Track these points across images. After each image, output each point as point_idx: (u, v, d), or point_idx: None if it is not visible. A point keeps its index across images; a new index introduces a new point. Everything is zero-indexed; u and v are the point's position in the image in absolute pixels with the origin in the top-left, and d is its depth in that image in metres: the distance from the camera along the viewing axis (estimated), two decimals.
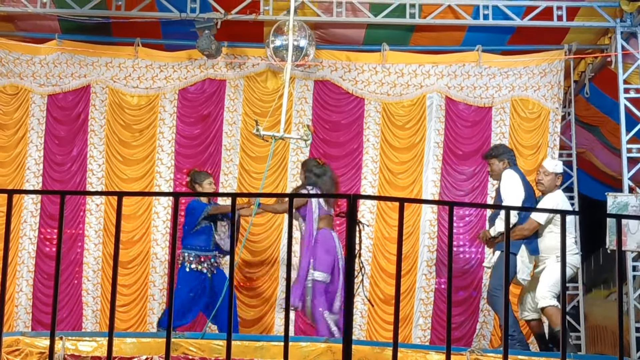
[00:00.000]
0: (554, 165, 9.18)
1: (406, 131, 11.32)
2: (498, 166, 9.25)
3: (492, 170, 9.37)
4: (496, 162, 9.28)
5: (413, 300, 10.97)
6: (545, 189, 9.09)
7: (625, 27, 10.83)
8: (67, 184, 11.13)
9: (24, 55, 11.32)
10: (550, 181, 9.07)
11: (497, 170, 9.27)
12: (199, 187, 9.64)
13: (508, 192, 8.91)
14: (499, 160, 9.27)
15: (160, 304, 10.97)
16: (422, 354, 8.32)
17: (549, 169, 9.10)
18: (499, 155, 9.30)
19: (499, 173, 9.21)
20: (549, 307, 8.72)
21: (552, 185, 9.08)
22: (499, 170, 9.23)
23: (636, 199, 10.24)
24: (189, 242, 9.49)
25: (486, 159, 9.55)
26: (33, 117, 11.27)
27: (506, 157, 9.27)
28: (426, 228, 11.11)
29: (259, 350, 8.22)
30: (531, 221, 8.83)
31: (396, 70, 11.34)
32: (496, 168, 9.28)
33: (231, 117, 11.33)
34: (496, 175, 9.30)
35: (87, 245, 11.11)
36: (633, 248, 10.01)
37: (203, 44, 10.48)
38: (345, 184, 11.20)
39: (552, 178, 9.08)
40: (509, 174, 9.03)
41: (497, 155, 9.31)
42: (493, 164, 9.32)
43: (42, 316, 10.87)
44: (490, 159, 9.38)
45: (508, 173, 9.04)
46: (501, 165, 9.23)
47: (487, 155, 9.49)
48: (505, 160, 9.24)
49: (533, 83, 11.27)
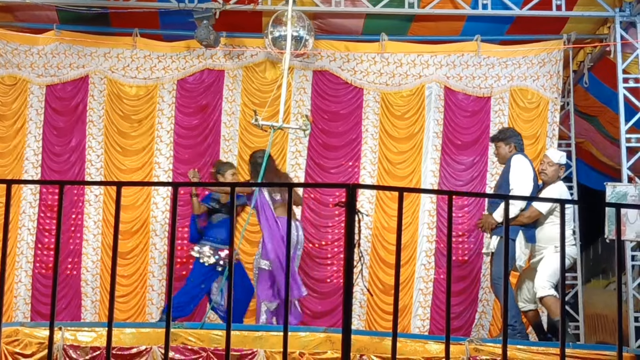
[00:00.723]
0: (559, 156, 9.15)
1: (405, 121, 11.31)
2: (505, 150, 9.20)
3: (499, 153, 9.31)
4: (503, 145, 9.23)
5: (412, 290, 10.98)
6: (548, 179, 9.07)
7: (624, 17, 10.81)
8: (65, 175, 11.11)
9: (22, 46, 11.30)
10: (554, 172, 9.06)
11: (503, 154, 9.22)
12: (221, 178, 9.69)
13: (518, 178, 8.85)
14: (505, 143, 9.22)
15: (160, 294, 10.98)
16: (421, 343, 8.33)
17: (554, 160, 9.07)
18: (507, 138, 9.24)
19: (505, 157, 9.17)
20: (547, 296, 8.72)
21: (555, 176, 9.07)
22: (505, 154, 9.19)
23: (635, 189, 10.24)
24: (209, 234, 9.58)
25: (493, 141, 9.50)
26: (31, 108, 11.26)
27: (513, 140, 9.21)
28: (425, 218, 11.11)
29: (258, 340, 8.24)
30: (532, 209, 8.81)
31: (395, 60, 11.32)
32: (502, 152, 9.23)
33: (230, 107, 11.32)
34: (502, 159, 9.25)
35: (86, 236, 11.11)
36: (632, 238, 10.01)
37: (201, 34, 10.46)
38: (344, 174, 11.21)
39: (555, 169, 9.07)
40: (520, 159, 8.98)
41: (504, 138, 9.26)
42: (500, 147, 9.26)
43: (41, 307, 10.86)
44: (497, 142, 9.32)
45: (518, 158, 8.99)
46: (507, 149, 9.18)
47: (494, 138, 9.44)
48: (512, 144, 9.18)
49: (532, 73, 11.26)
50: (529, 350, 8.28)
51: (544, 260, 8.86)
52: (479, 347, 8.21)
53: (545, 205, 8.82)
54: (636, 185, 10.35)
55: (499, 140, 9.29)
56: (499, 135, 9.39)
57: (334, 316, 10.51)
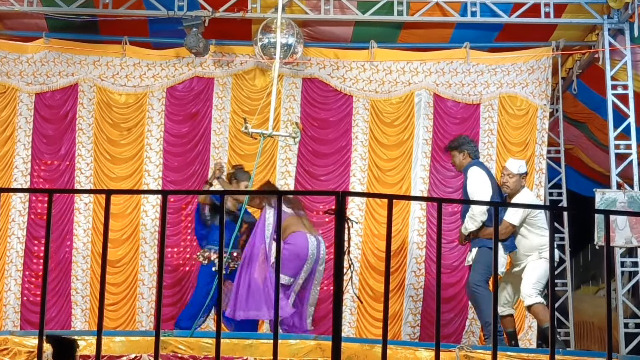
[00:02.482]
0: (517, 166, 9.06)
1: (394, 128, 11.32)
2: (459, 158, 9.22)
3: (454, 162, 9.34)
4: (457, 153, 9.23)
5: (402, 297, 10.98)
6: (511, 191, 9.04)
7: (612, 24, 10.85)
8: (55, 183, 11.10)
9: (11, 54, 11.27)
10: (515, 182, 9.00)
11: (458, 162, 9.25)
12: (235, 184, 9.61)
13: (475, 191, 8.84)
14: (459, 151, 9.22)
15: (150, 302, 10.96)
16: (411, 350, 8.32)
17: (513, 171, 9.00)
18: (459, 146, 9.24)
19: (460, 165, 9.19)
20: (535, 304, 8.73)
21: (518, 186, 9.02)
22: (459, 162, 9.21)
23: (624, 195, 10.27)
24: (213, 238, 9.56)
25: (447, 150, 9.55)
26: (21, 116, 11.23)
27: (466, 148, 9.21)
28: (415, 225, 11.12)
29: (248, 348, 8.22)
30: (505, 224, 8.78)
31: (384, 67, 11.34)
32: (457, 160, 9.25)
33: (219, 115, 11.32)
34: (459, 167, 9.28)
35: (75, 244, 11.08)
36: (621, 244, 10.04)
37: (191, 42, 10.46)
38: (334, 181, 11.22)
39: (517, 179, 9.01)
40: (473, 172, 8.95)
41: (457, 146, 9.26)
42: (454, 155, 9.28)
43: (31, 315, 10.83)
44: (451, 151, 9.35)
45: (472, 170, 8.96)
46: (461, 157, 9.19)
47: (448, 147, 9.48)
48: (465, 152, 9.18)
49: (521, 80, 11.29)
50: (519, 356, 8.28)
51: (528, 268, 8.86)
52: (469, 354, 8.20)
53: (516, 217, 8.78)
54: (625, 191, 10.38)
55: (452, 149, 9.31)
56: (451, 144, 9.40)
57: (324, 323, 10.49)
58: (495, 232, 4.27)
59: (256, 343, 8.26)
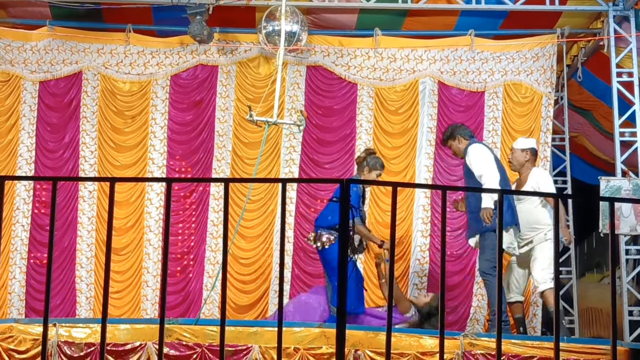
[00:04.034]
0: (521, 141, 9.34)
1: (399, 116, 11.31)
2: (456, 145, 9.27)
3: (454, 151, 9.38)
4: (452, 142, 9.30)
5: (407, 285, 10.98)
6: (516, 167, 9.23)
7: (617, 11, 10.82)
8: (59, 171, 11.09)
9: (15, 42, 11.27)
10: (519, 157, 9.16)
11: (457, 150, 9.28)
12: (366, 170, 9.41)
13: (480, 164, 8.85)
14: (453, 140, 9.28)
15: (154, 290, 10.96)
16: (415, 338, 8.35)
17: (514, 146, 9.27)
18: (452, 135, 9.30)
19: (460, 151, 9.21)
20: (548, 289, 8.75)
21: (523, 161, 9.14)
22: (458, 148, 9.25)
23: (629, 183, 10.26)
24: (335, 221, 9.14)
25: (444, 145, 9.58)
26: (25, 104, 11.23)
27: (458, 132, 9.26)
28: (419, 213, 11.11)
29: (253, 335, 8.24)
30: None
31: (389, 55, 11.31)
32: (455, 148, 9.30)
33: (224, 103, 11.31)
34: (460, 154, 9.28)
35: (80, 232, 11.09)
36: (626, 232, 10.04)
37: (195, 30, 10.44)
38: (339, 169, 11.20)
39: (519, 154, 9.14)
40: (474, 148, 9.01)
41: (449, 136, 9.33)
42: (451, 146, 9.35)
43: (36, 303, 10.85)
44: (447, 142, 9.41)
45: (472, 147, 9.02)
46: (457, 144, 9.24)
47: (443, 142, 9.54)
48: (459, 137, 9.22)
49: (526, 67, 11.26)
50: (524, 344, 8.30)
51: (536, 251, 8.88)
52: (473, 342, 8.22)
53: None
54: (630, 179, 10.37)
55: (447, 141, 9.37)
56: (444, 137, 9.49)
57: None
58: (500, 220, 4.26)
59: (261, 331, 8.28)
